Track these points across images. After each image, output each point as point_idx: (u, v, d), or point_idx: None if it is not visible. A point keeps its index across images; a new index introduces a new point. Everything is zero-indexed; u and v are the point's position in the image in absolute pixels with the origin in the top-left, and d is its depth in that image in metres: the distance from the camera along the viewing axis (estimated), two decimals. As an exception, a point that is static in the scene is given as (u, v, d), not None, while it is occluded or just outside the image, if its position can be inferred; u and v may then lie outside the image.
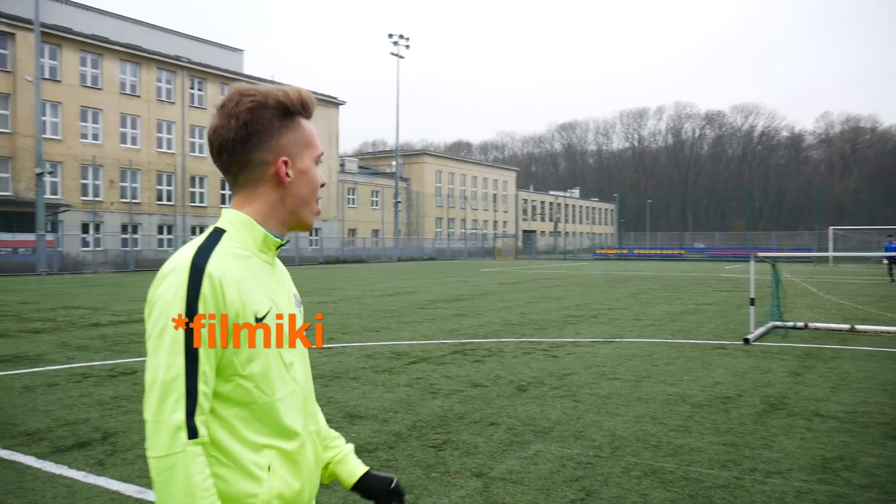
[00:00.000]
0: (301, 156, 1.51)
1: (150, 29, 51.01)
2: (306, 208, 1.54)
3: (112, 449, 5.09)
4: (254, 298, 1.41)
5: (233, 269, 1.40)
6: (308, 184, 1.53)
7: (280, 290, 1.52)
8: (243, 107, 1.46)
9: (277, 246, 1.53)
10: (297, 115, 1.51)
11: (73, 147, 42.88)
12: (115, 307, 16.27)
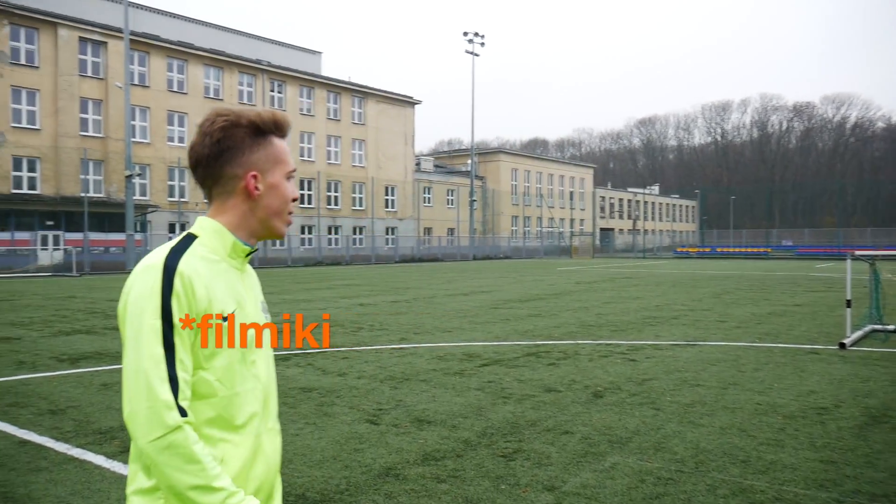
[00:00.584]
0: (271, 171, 1.64)
1: (233, 34, 52.47)
2: (277, 219, 1.66)
3: (179, 450, 5.07)
4: (220, 298, 1.52)
5: (202, 270, 1.51)
6: (278, 197, 1.65)
7: (247, 295, 1.63)
8: (217, 126, 1.59)
9: (247, 253, 1.65)
10: (270, 134, 1.65)
11: (161, 150, 44.51)
12: (196, 305, 16.66)
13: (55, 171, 39.74)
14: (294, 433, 5.47)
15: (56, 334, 11.43)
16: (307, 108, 53.87)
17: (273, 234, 1.67)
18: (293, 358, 8.99)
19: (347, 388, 7.16)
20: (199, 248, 1.55)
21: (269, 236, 1.68)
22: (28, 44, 39.11)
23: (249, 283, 1.66)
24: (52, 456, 4.93)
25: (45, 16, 39.20)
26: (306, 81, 53.63)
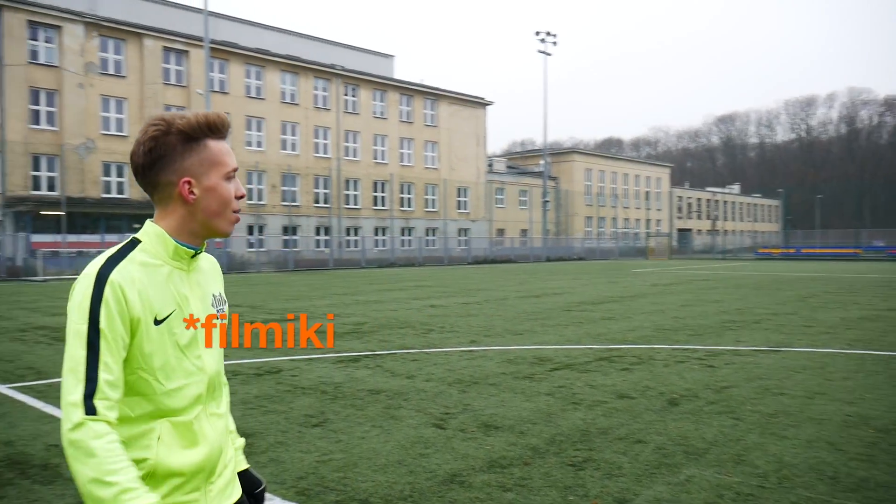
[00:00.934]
0: (207, 175, 1.67)
1: (308, 40, 53.53)
2: (219, 219, 1.70)
3: (248, 451, 5.10)
4: (156, 301, 1.61)
5: (136, 276, 1.59)
6: (217, 198, 1.68)
7: (192, 293, 1.70)
8: (148, 135, 1.63)
9: (191, 255, 1.71)
10: (203, 138, 1.67)
11: (240, 154, 45.76)
12: (272, 305, 17.01)
13: (141, 176, 41.34)
14: (360, 436, 5.45)
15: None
16: (380, 110, 54.48)
17: (217, 234, 1.73)
18: (363, 359, 9.02)
19: (415, 390, 7.11)
20: (139, 254, 1.64)
21: (214, 236, 1.73)
22: (116, 54, 40.89)
23: (198, 280, 1.74)
24: (126, 453, 5.05)
25: (132, 27, 40.90)
26: (379, 85, 54.24)
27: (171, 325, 1.63)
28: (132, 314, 1.55)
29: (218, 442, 1.73)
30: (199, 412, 1.68)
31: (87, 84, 39.36)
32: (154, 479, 1.59)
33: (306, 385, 7.40)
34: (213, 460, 1.71)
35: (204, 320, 1.72)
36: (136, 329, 1.56)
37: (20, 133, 37.01)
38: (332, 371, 8.21)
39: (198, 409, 1.67)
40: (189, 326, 1.66)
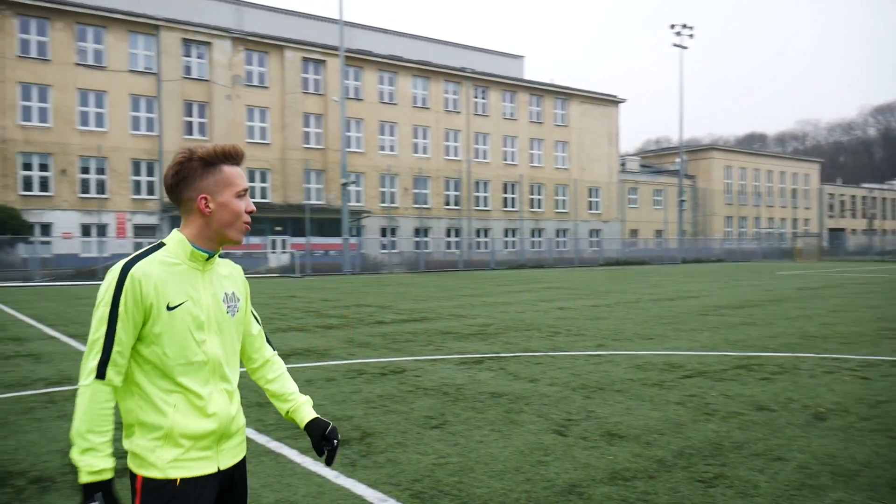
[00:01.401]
0: (221, 192, 2.04)
1: (439, 44, 54.34)
2: (230, 229, 2.07)
3: (367, 449, 5.14)
4: (169, 293, 1.97)
5: (154, 272, 1.96)
6: (229, 212, 2.05)
7: (205, 290, 2.06)
8: (175, 161, 2.04)
9: (206, 258, 2.07)
10: (219, 164, 2.05)
11: (373, 158, 47.15)
12: (401, 306, 17.31)
13: (283, 182, 43.53)
14: (479, 440, 5.35)
15: (273, 331, 12.35)
16: (510, 112, 54.43)
17: (229, 241, 2.09)
18: (486, 361, 8.94)
19: (538, 395, 6.94)
20: (160, 255, 2.02)
21: (226, 243, 2.09)
22: (259, 66, 43.24)
23: (211, 279, 2.10)
24: (252, 447, 5.21)
25: (274, 40, 43.11)
26: (509, 86, 54.21)
27: (182, 313, 1.99)
28: (146, 302, 1.94)
29: (227, 413, 2.08)
30: (210, 388, 2.04)
31: (233, 95, 41.87)
32: (171, 440, 1.98)
33: (428, 386, 7.41)
34: (223, 427, 2.07)
35: (212, 313, 2.07)
36: (150, 313, 1.95)
37: (175, 143, 39.90)
38: (454, 372, 8.18)
39: (209, 386, 2.04)
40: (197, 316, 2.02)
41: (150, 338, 1.96)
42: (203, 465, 2.02)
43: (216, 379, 2.07)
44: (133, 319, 1.93)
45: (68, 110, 37.19)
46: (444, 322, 13.62)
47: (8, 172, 35.58)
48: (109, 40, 38.41)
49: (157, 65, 39.63)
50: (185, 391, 1.99)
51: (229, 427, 2.09)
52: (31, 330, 12.93)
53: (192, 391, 2.00)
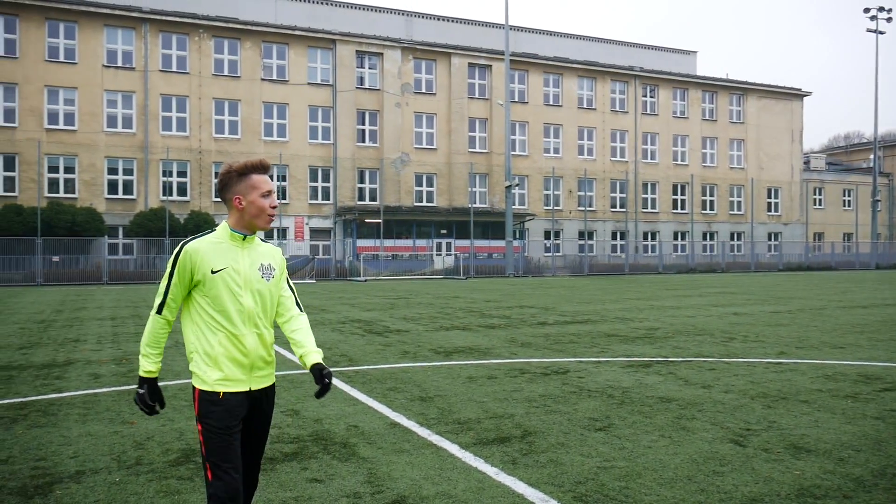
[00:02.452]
0: (249, 194, 2.82)
1: (605, 44, 53.18)
2: (257, 219, 2.86)
3: (528, 448, 5.00)
4: (212, 261, 2.79)
5: (202, 247, 2.80)
6: (254, 208, 2.84)
7: (242, 260, 2.86)
8: (221, 173, 2.90)
9: (242, 238, 2.87)
10: (250, 173, 2.83)
11: (537, 161, 46.95)
12: (563, 308, 17.01)
13: (448, 186, 44.43)
14: (647, 445, 5.05)
15: (437, 329, 12.53)
16: (680, 110, 52.19)
17: (258, 228, 2.89)
18: (654, 365, 8.51)
19: (711, 401, 6.47)
20: (210, 236, 2.87)
21: (257, 229, 2.89)
22: (427, 74, 44.44)
23: (249, 253, 2.89)
24: (414, 440, 5.24)
25: (442, 48, 44.14)
26: (679, 83, 52.00)
27: (223, 275, 2.81)
28: (193, 268, 2.78)
29: (256, 350, 2.86)
30: (245, 331, 2.83)
31: (402, 103, 43.32)
32: (216, 363, 2.79)
33: (593, 388, 7.14)
34: (253, 360, 2.85)
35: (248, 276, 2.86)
36: (196, 275, 2.78)
37: (349, 150, 41.92)
38: (620, 375, 7.84)
39: (244, 329, 2.83)
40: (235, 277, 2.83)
41: (203, 291, 2.80)
42: (239, 385, 2.82)
43: (250, 325, 2.85)
44: (182, 279, 2.79)
45: (255, 122, 40.17)
46: (609, 325, 13.19)
47: (203, 181, 39.00)
48: (291, 56, 41.06)
49: (333, 77, 41.85)
50: (227, 331, 2.80)
51: (258, 361, 2.88)
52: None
53: (231, 332, 2.81)
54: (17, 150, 35.41)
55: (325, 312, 16.04)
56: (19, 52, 35.67)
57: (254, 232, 2.90)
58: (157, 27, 38.12)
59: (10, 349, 10.22)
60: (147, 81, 37.80)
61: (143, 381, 2.85)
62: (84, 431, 5.51)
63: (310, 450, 4.99)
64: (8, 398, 6.82)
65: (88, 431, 5.51)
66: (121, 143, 37.42)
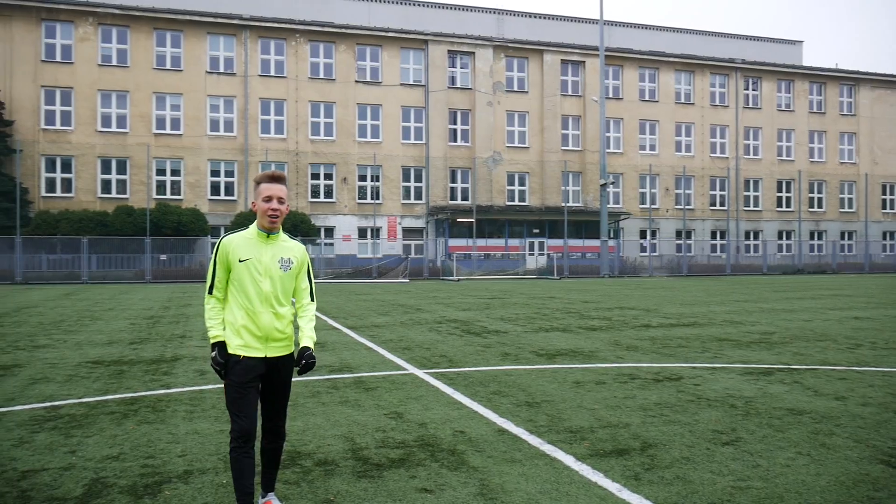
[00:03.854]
0: (257, 199, 3.62)
1: (704, 36, 51.22)
2: (262, 219, 3.60)
3: (650, 462, 4.63)
4: (241, 252, 3.57)
5: (235, 241, 3.61)
6: (259, 210, 3.60)
7: (265, 253, 3.61)
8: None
9: (265, 237, 3.64)
10: (261, 183, 3.63)
11: (633, 158, 45.71)
12: (667, 310, 16.31)
13: (540, 184, 43.83)
14: (784, 463, 4.58)
15: (536, 331, 12.18)
16: (785, 102, 49.70)
17: (265, 227, 3.59)
18: (776, 373, 7.90)
19: (849, 415, 5.88)
20: (243, 232, 3.66)
21: (265, 227, 3.59)
22: (519, 72, 43.98)
23: (272, 247, 3.63)
24: (525, 448, 4.95)
25: (534, 45, 43.59)
26: (784, 74, 49.51)
27: (248, 265, 3.55)
28: (228, 257, 3.55)
29: (271, 324, 3.57)
30: (262, 309, 3.55)
31: (494, 102, 43.03)
32: (238, 332, 3.55)
33: (711, 396, 6.65)
34: (267, 332, 3.56)
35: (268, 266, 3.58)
36: (229, 263, 3.56)
37: (441, 150, 41.97)
38: (739, 383, 7.30)
39: (262, 307, 3.55)
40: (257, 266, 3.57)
41: (233, 276, 3.57)
42: (256, 351, 3.56)
43: (266, 305, 3.58)
44: (222, 265, 3.58)
45: (349, 124, 40.79)
46: (719, 328, 12.48)
47: (300, 181, 39.92)
48: (384, 57, 41.48)
49: (426, 77, 42.01)
50: (247, 308, 3.56)
51: (273, 333, 3.59)
52: (317, 321, 14.10)
53: (251, 309, 3.55)
54: (128, 154, 37.24)
55: (421, 312, 15.95)
56: (130, 62, 37.50)
57: (270, 231, 3.61)
58: (257, 33, 39.28)
59: (121, 344, 10.56)
60: (247, 86, 39.00)
61: (213, 345, 3.58)
62: (191, 429, 5.50)
63: (417, 456, 4.78)
64: (119, 393, 6.95)
65: (195, 429, 5.50)
66: (223, 147, 38.78)
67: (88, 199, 36.54)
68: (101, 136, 37.01)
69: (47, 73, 36.31)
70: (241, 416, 3.46)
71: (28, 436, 5.32)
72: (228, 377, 3.52)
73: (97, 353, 9.57)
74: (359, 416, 5.90)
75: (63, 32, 36.75)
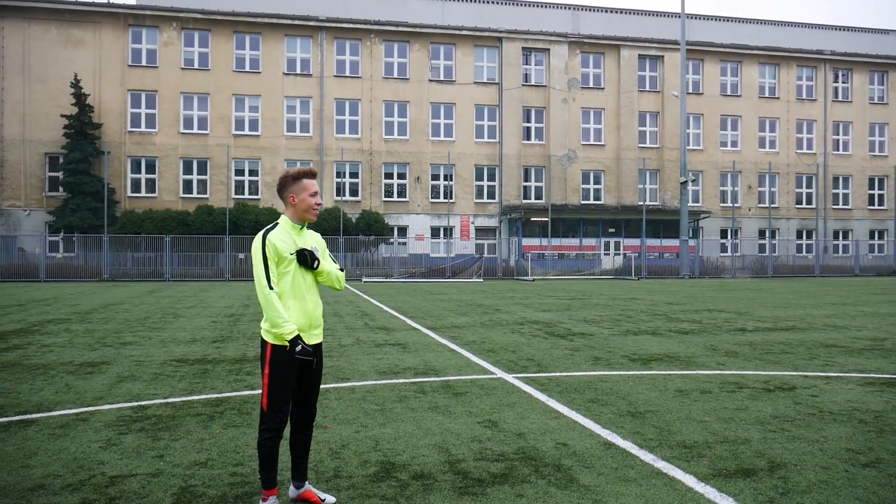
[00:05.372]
0: (300, 194, 3.79)
1: (789, 27, 49.00)
2: (307, 213, 3.81)
3: (783, 486, 4.13)
4: (285, 248, 3.72)
5: (277, 235, 3.74)
6: (303, 204, 3.80)
7: (300, 244, 3.79)
8: (280, 177, 3.87)
9: (299, 228, 3.83)
10: (302, 178, 3.81)
11: (714, 155, 44.18)
12: (759, 313, 15.45)
13: (616, 183, 42.81)
14: (941, 491, 4.00)
15: (625, 333, 11.63)
16: (879, 95, 47.17)
17: (307, 220, 3.85)
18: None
19: None
20: (279, 227, 3.82)
21: (306, 221, 3.85)
22: (595, 68, 43.06)
23: (304, 238, 3.86)
24: (638, 466, 4.51)
25: (610, 40, 42.60)
26: (877, 66, 46.96)
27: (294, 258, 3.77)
28: (277, 252, 3.71)
29: (312, 312, 3.82)
30: (305, 297, 3.78)
31: (569, 99, 42.25)
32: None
33: (834, 410, 6.05)
34: (310, 320, 3.81)
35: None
36: (279, 258, 3.71)
37: (514, 148, 41.46)
38: (863, 395, 6.65)
39: (307, 296, 3.79)
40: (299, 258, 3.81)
41: (282, 269, 3.70)
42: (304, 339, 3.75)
43: (310, 294, 3.80)
44: (273, 260, 3.68)
45: (423, 123, 40.72)
46: (821, 333, 11.66)
47: (374, 181, 40.09)
48: (458, 56, 41.24)
49: (499, 75, 41.57)
50: (297, 299, 3.73)
51: (315, 321, 3.82)
52: (396, 321, 13.89)
53: (300, 299, 3.74)
54: (208, 155, 38.15)
55: (500, 313, 15.56)
56: (211, 65, 38.40)
57: (304, 223, 3.83)
58: (333, 34, 39.64)
59: (204, 342, 10.56)
60: (323, 87, 39.40)
61: (296, 339, 3.64)
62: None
63: (520, 471, 4.41)
64: (205, 393, 6.83)
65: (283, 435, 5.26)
66: (299, 146, 39.29)
67: (171, 198, 37.60)
68: (183, 137, 38.04)
69: (133, 77, 37.54)
70: (284, 410, 3.73)
71: (116, 437, 5.20)
72: (273, 368, 3.67)
73: (181, 351, 9.57)
74: (451, 424, 5.57)
75: (148, 38, 37.93)
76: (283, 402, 3.70)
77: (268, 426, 3.69)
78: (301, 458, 3.93)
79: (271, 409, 3.69)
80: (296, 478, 3.94)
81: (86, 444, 5.04)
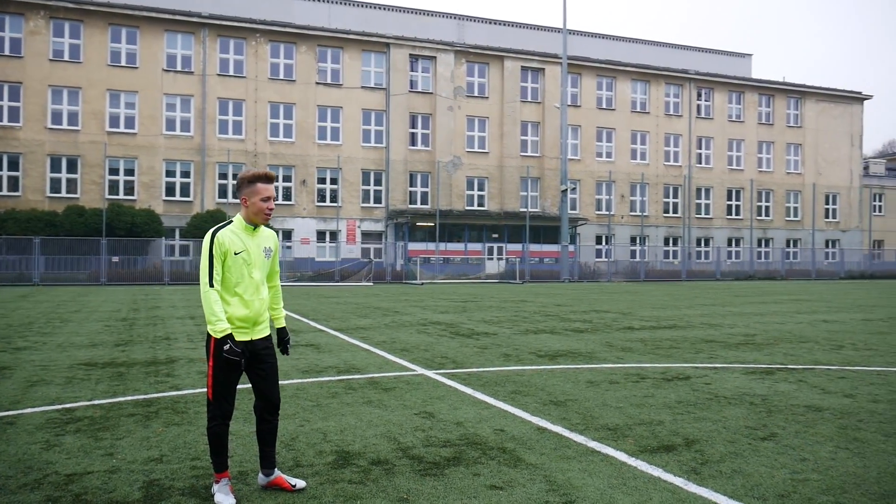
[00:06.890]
0: (252, 197, 3.94)
1: (658, 47, 52.36)
2: (256, 217, 3.96)
3: (701, 458, 4.69)
4: (234, 245, 3.91)
5: (227, 235, 3.91)
6: (254, 207, 3.94)
7: (253, 244, 3.99)
8: (238, 178, 4.00)
9: (252, 229, 4.00)
10: (256, 181, 3.94)
11: (590, 165, 46.39)
12: (641, 313, 16.58)
13: (500, 189, 44.12)
14: (829, 457, 4.71)
15: (525, 333, 12.24)
16: (736, 113, 51.15)
17: (258, 223, 3.98)
18: (777, 372, 8.11)
19: (866, 411, 6.08)
20: (230, 226, 3.95)
21: (257, 223, 3.98)
22: (480, 77, 44.22)
23: (257, 239, 4.01)
24: (573, 445, 4.97)
25: (495, 51, 43.91)
26: (735, 86, 50.97)
27: (242, 257, 3.91)
28: (223, 250, 3.86)
29: (258, 309, 3.97)
30: (251, 295, 3.95)
31: (455, 106, 43.16)
32: (230, 320, 3.87)
33: (727, 395, 6.79)
34: (255, 316, 3.97)
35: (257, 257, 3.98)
36: (225, 256, 3.87)
37: (401, 153, 41.88)
38: (747, 382, 7.47)
39: (253, 295, 3.96)
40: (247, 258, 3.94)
41: (227, 270, 3.89)
42: (243, 335, 3.95)
43: (256, 293, 3.99)
44: (218, 258, 3.85)
45: (309, 125, 40.35)
46: (700, 330, 12.75)
47: (258, 183, 39.26)
48: (345, 59, 41.20)
49: (387, 80, 41.88)
50: (241, 297, 3.93)
51: (260, 318, 4.02)
52: (299, 323, 13.90)
53: (245, 297, 3.93)
54: (80, 152, 36.11)
55: (400, 314, 15.86)
56: (83, 57, 36.40)
57: (257, 225, 3.98)
58: (216, 32, 38.59)
59: (106, 346, 10.22)
60: (205, 85, 38.26)
61: (226, 337, 3.78)
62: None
63: (469, 454, 4.75)
64: (129, 395, 6.72)
65: (230, 430, 5.35)
66: (179, 146, 37.93)
67: (37, 198, 35.27)
68: (51, 133, 35.78)
69: (-5, 67, 34.98)
70: (229, 399, 3.93)
71: (54, 439, 5.11)
72: (216, 360, 3.83)
73: (85, 356, 9.24)
74: (390, 416, 5.84)
75: (12, 25, 35.46)
76: (228, 391, 3.92)
77: (214, 414, 3.90)
78: (268, 447, 4.09)
79: (216, 398, 3.90)
80: (264, 466, 4.11)
81: (24, 446, 4.93)
